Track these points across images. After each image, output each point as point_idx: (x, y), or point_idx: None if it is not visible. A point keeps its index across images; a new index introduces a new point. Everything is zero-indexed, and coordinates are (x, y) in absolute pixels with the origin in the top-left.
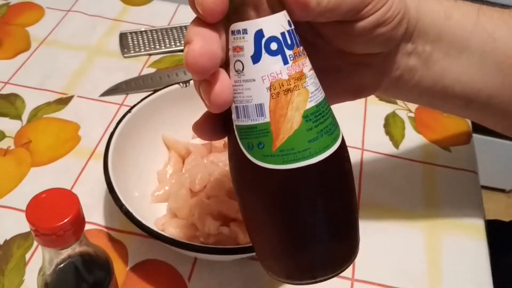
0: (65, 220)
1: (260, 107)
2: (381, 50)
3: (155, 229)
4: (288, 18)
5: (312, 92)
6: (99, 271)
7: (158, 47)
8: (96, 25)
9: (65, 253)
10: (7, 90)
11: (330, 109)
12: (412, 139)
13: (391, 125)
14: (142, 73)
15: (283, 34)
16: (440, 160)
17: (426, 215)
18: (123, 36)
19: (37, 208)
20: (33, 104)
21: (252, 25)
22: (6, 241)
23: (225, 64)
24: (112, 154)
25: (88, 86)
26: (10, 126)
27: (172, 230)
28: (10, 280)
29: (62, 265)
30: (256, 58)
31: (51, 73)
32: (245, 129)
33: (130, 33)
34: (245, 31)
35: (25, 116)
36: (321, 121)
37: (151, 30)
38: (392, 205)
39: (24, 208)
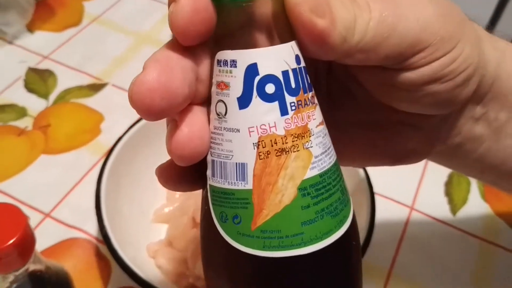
0: (8, 243)
1: (241, 168)
2: (436, 113)
3: (145, 255)
4: (298, 52)
5: (316, 156)
6: None
7: None
8: (153, 11)
9: (11, 277)
10: (44, 65)
11: (342, 180)
12: (475, 207)
13: (454, 186)
14: None
15: (285, 73)
16: (503, 240)
17: None
18: None
19: None
20: (64, 85)
21: (243, 56)
22: None
23: (208, 102)
24: (114, 161)
25: (125, 76)
26: (35, 104)
27: (162, 261)
28: None
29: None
30: (244, 101)
31: (93, 54)
32: (219, 193)
33: None
34: (233, 63)
35: (52, 97)
36: (324, 196)
37: None
38: (431, 283)
39: (21, 197)
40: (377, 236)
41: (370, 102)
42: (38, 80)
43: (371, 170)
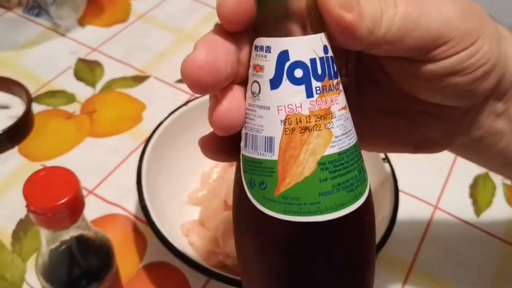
0: (59, 203)
1: (269, 141)
2: (457, 105)
3: (179, 232)
4: (326, 43)
5: (337, 136)
6: (97, 260)
7: None
8: (195, 11)
9: (61, 235)
10: (93, 56)
11: (360, 160)
12: (500, 210)
13: (479, 188)
14: None
15: (313, 60)
16: None
17: None
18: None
19: (35, 184)
20: (110, 75)
21: (276, 43)
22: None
23: (245, 82)
24: (154, 144)
25: (167, 69)
26: (83, 91)
27: (194, 239)
28: (28, 245)
29: (57, 247)
30: (275, 83)
31: (137, 49)
32: (250, 162)
33: None
34: (268, 49)
35: (99, 85)
36: (341, 172)
37: None
38: (450, 281)
39: None
40: (400, 231)
41: (395, 91)
42: (86, 69)
43: (397, 168)
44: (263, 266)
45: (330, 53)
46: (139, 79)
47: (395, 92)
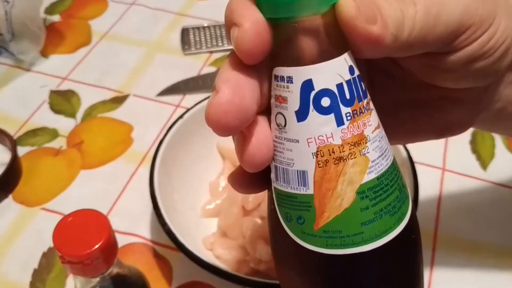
0: (94, 248)
1: (302, 175)
2: (478, 85)
3: (202, 247)
4: (351, 62)
5: (373, 160)
6: None
7: (220, 44)
8: (158, 19)
9: (96, 280)
10: (65, 86)
11: (399, 178)
12: (504, 159)
13: (479, 143)
14: (202, 72)
15: (340, 86)
16: None
17: None
18: (184, 32)
19: (64, 232)
20: (88, 102)
21: (299, 73)
22: (50, 249)
23: (267, 111)
24: (160, 164)
25: (145, 85)
26: (64, 124)
27: (220, 251)
28: None
29: None
30: (301, 115)
31: (109, 69)
32: (284, 196)
33: (193, 28)
34: (290, 79)
35: (79, 115)
36: (382, 197)
37: (214, 26)
38: (476, 238)
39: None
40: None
41: (412, 81)
42: (62, 101)
43: None
44: None
45: (357, 72)
46: (118, 100)
47: (411, 83)
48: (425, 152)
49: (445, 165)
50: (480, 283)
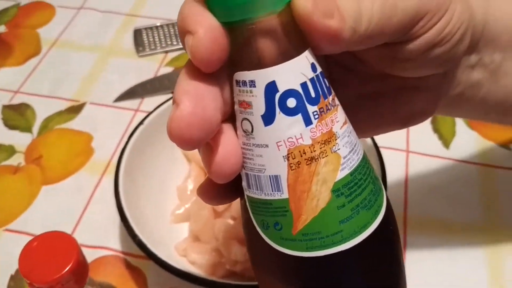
0: (64, 271)
1: (275, 180)
2: (438, 72)
3: (176, 254)
4: (312, 60)
5: (345, 156)
6: None
7: (175, 43)
8: (109, 22)
9: None
10: (17, 99)
11: (371, 171)
12: (465, 137)
13: (440, 122)
14: (159, 73)
15: (304, 85)
16: (499, 161)
17: (486, 227)
18: (137, 33)
19: (30, 258)
20: (44, 114)
21: (261, 76)
22: (17, 271)
23: (232, 118)
24: (124, 172)
25: (101, 91)
26: (21, 139)
27: (194, 257)
28: None
29: None
30: (268, 118)
31: (62, 78)
32: (258, 204)
33: (145, 29)
34: (252, 84)
35: (35, 128)
36: (357, 193)
37: (167, 25)
38: (445, 217)
39: (37, 232)
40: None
41: (371, 74)
42: (16, 115)
43: None
44: None
45: (319, 69)
46: (75, 110)
47: (371, 75)
48: (388, 136)
49: (409, 147)
50: (452, 260)
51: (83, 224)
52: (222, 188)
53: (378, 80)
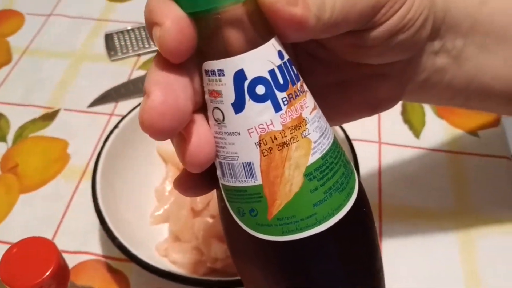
0: (45, 275)
1: (249, 167)
2: (402, 58)
3: (157, 255)
4: (279, 47)
5: (315, 140)
6: None
7: (147, 46)
8: (79, 28)
9: None
10: None
11: (342, 154)
12: (434, 126)
13: (409, 112)
14: (132, 77)
15: (272, 72)
16: (468, 147)
17: (457, 212)
18: (108, 37)
19: (10, 264)
20: (18, 123)
21: (229, 64)
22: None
23: (203, 108)
24: (101, 177)
25: (74, 97)
26: None
27: (175, 256)
28: None
29: None
30: (238, 106)
31: (35, 86)
32: (233, 191)
33: (117, 33)
34: (221, 72)
35: (10, 137)
36: (329, 176)
37: (138, 28)
38: (418, 204)
39: (16, 240)
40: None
41: (338, 62)
42: None
43: None
44: None
45: (286, 56)
46: (49, 117)
47: (338, 64)
48: (360, 129)
49: (381, 138)
50: (427, 246)
51: (63, 230)
52: (198, 179)
53: (344, 68)
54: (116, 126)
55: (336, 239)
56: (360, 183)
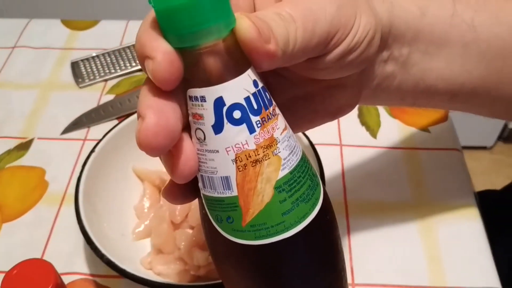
0: None
1: (226, 180)
2: (355, 72)
3: (142, 269)
4: (254, 77)
5: (285, 158)
6: None
7: (113, 70)
8: (45, 58)
9: None
10: None
11: (309, 169)
12: (389, 125)
13: (365, 115)
14: (101, 102)
15: (247, 99)
16: (421, 143)
17: (416, 204)
18: (75, 65)
19: (12, 284)
20: None
21: (210, 92)
22: None
23: (188, 128)
24: (83, 200)
25: (47, 125)
26: None
27: (160, 268)
28: None
29: None
30: (217, 128)
31: (6, 117)
32: (212, 201)
33: (82, 60)
34: (203, 99)
35: None
36: (296, 188)
37: (103, 54)
38: (380, 199)
39: (4, 268)
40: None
41: (300, 79)
42: None
43: None
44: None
45: (260, 84)
46: (23, 147)
47: (300, 80)
48: (322, 134)
49: (341, 141)
50: (393, 238)
51: (48, 254)
52: (183, 189)
53: (307, 83)
54: (92, 150)
55: (302, 243)
56: (325, 193)
